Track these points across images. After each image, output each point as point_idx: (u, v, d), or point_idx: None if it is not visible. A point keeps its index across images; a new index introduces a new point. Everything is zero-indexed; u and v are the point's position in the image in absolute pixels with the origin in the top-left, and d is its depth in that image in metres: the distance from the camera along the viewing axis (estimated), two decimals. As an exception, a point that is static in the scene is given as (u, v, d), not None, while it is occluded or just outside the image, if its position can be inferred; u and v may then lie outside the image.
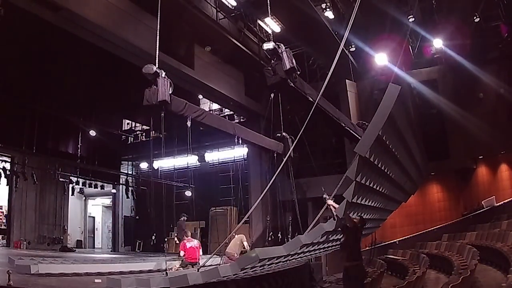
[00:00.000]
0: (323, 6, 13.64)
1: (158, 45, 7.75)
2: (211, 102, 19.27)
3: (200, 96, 17.50)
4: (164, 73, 7.29)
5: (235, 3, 13.55)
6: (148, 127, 21.99)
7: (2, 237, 17.26)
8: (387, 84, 5.93)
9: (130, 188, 20.56)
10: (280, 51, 7.68)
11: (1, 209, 18.00)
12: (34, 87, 14.91)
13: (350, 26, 6.74)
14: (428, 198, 16.08)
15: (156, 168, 20.73)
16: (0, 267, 8.06)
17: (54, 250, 17.38)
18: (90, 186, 19.77)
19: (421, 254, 12.35)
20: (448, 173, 15.80)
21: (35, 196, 17.76)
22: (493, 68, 15.08)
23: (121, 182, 21.18)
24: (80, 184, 19.93)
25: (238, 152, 19.06)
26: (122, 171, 21.98)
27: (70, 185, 19.06)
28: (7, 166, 15.66)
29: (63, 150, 19.45)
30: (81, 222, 22.37)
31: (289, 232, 14.09)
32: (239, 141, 10.43)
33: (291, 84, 7.91)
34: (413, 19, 14.02)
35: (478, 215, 14.76)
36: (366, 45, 14.61)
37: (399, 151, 7.73)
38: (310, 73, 15.73)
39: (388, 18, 13.56)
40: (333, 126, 10.98)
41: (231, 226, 18.68)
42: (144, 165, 22.61)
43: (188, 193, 19.06)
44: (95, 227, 23.73)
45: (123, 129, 23.34)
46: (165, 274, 7.09)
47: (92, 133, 19.05)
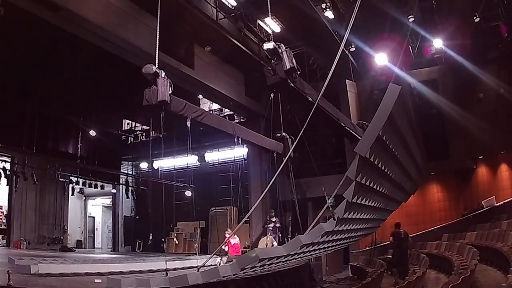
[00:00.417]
0: (323, 6, 13.63)
1: (158, 45, 7.74)
2: (211, 102, 19.27)
3: (200, 96, 17.50)
4: (163, 73, 7.28)
5: (235, 3, 13.55)
6: (148, 127, 21.99)
7: (2, 237, 17.27)
8: (387, 84, 5.92)
9: (130, 188, 20.57)
10: (280, 51, 7.67)
11: (1, 209, 18.01)
12: (34, 87, 14.92)
13: (351, 27, 6.72)
14: (428, 198, 16.07)
15: (156, 168, 20.75)
16: (0, 267, 8.06)
17: (54, 250, 17.38)
18: (90, 186, 19.78)
19: (421, 254, 12.34)
20: (448, 173, 15.79)
21: (35, 196, 17.77)
22: (493, 68, 15.07)
23: (121, 182, 21.18)
24: (80, 184, 19.94)
25: (238, 152, 19.06)
26: (122, 171, 21.98)
27: (70, 185, 19.08)
28: (7, 166, 15.66)
29: (63, 150, 19.46)
30: (81, 222, 22.38)
31: (289, 232, 14.08)
32: (239, 141, 10.41)
33: (291, 84, 7.90)
34: (413, 19, 14.02)
35: (478, 215, 14.74)
36: (366, 45, 14.62)
37: (399, 151, 7.72)
38: (310, 73, 15.72)
39: (388, 18, 13.56)
40: (333, 126, 10.98)
41: (231, 226, 18.70)
42: (144, 165, 22.62)
43: (188, 193, 19.08)
44: (95, 227, 23.73)
45: (123, 129, 23.35)
46: (165, 274, 7.09)
47: (92, 133, 19.05)
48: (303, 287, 10.73)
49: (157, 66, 7.29)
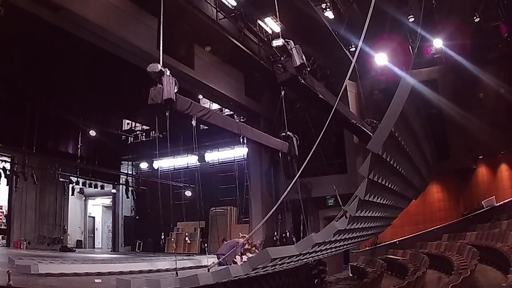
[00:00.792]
0: (323, 6, 13.63)
1: (160, 44, 7.71)
2: (211, 102, 19.26)
3: (200, 96, 17.49)
4: (168, 72, 7.16)
5: (235, 3, 13.54)
6: (148, 127, 22.02)
7: (2, 237, 17.27)
8: (387, 84, 5.93)
9: (130, 188, 20.59)
10: (289, 47, 7.64)
11: (1, 209, 18.01)
12: (34, 87, 14.92)
13: (364, 35, 6.57)
14: (428, 198, 16.05)
15: (156, 168, 20.75)
16: (0, 267, 8.06)
17: (54, 250, 17.39)
18: (90, 186, 19.79)
19: (421, 254, 12.34)
20: (448, 173, 15.77)
21: (35, 196, 17.78)
22: (493, 68, 15.05)
23: (121, 182, 21.19)
24: (80, 184, 19.96)
25: (238, 152, 19.07)
26: (122, 171, 21.99)
27: (70, 185, 19.09)
28: (7, 166, 15.66)
29: (63, 150, 19.47)
30: (81, 222, 22.39)
31: (291, 232, 14.06)
32: (244, 140, 10.25)
33: (302, 80, 7.87)
34: (413, 19, 14.01)
35: (478, 215, 14.74)
36: (366, 45, 14.59)
37: (411, 147, 7.67)
38: (310, 72, 15.65)
39: (388, 18, 13.55)
40: (342, 124, 10.93)
41: (231, 226, 18.70)
42: (144, 165, 22.62)
43: (188, 193, 19.08)
44: (95, 227, 23.73)
45: (123, 129, 23.35)
46: (175, 274, 7.04)
47: (92, 133, 19.06)
48: (303, 287, 10.70)
49: (161, 65, 7.20)
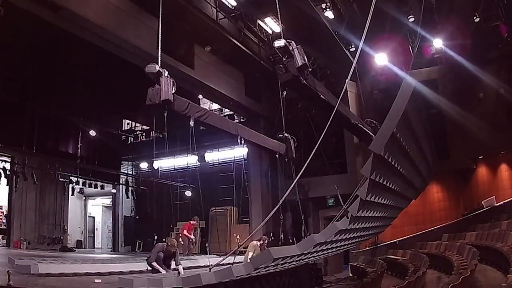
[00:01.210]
0: (323, 6, 13.63)
1: (159, 44, 7.72)
2: (211, 102, 19.27)
3: (200, 96, 17.51)
4: (167, 72, 7.21)
5: (235, 3, 13.55)
6: (148, 127, 22.02)
7: (2, 237, 17.27)
8: (387, 84, 5.95)
9: (130, 188, 20.57)
10: (291, 48, 7.64)
11: (1, 209, 18.00)
12: (34, 87, 14.91)
13: (364, 37, 6.57)
14: (428, 198, 16.05)
15: (156, 168, 20.75)
16: (0, 267, 8.05)
17: (54, 250, 17.37)
18: (90, 186, 19.78)
19: (421, 254, 12.33)
20: (448, 173, 15.76)
21: (35, 196, 17.77)
22: (493, 68, 15.04)
23: (121, 182, 21.18)
24: (80, 184, 19.94)
25: (238, 152, 19.07)
26: (122, 171, 21.99)
27: (70, 185, 19.07)
28: (7, 166, 15.66)
29: (63, 150, 19.47)
30: (81, 222, 22.37)
31: (291, 233, 14.04)
32: (242, 141, 10.31)
33: (303, 81, 7.88)
34: (413, 19, 14.00)
35: (478, 215, 14.72)
36: (366, 45, 14.59)
37: (412, 148, 7.68)
38: (310, 73, 15.67)
39: (388, 18, 13.54)
40: (343, 124, 10.94)
41: (231, 226, 18.70)
42: (144, 165, 22.62)
43: (188, 193, 19.07)
44: (95, 227, 23.72)
45: (123, 129, 23.35)
46: (177, 274, 7.03)
47: (92, 133, 19.06)
48: (303, 287, 10.70)
49: (160, 65, 7.25)
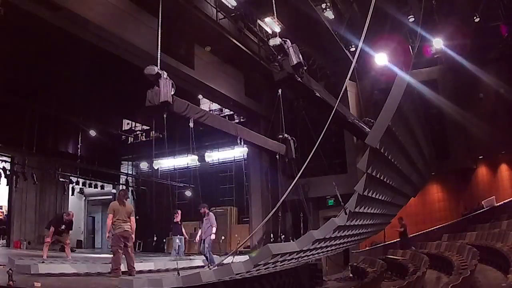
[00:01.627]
0: (323, 6, 13.63)
1: (158, 45, 7.73)
2: (211, 102, 19.27)
3: (200, 96, 17.50)
4: (166, 74, 7.25)
5: (235, 3, 13.54)
6: (148, 127, 22.03)
7: (2, 237, 17.27)
8: (387, 84, 5.97)
9: (130, 188, 20.58)
10: (286, 46, 7.67)
11: (1, 209, 18.01)
12: (34, 87, 14.91)
13: (364, 37, 6.58)
14: (428, 198, 16.06)
15: (156, 168, 20.75)
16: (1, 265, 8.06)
17: (54, 250, 17.35)
18: (90, 186, 19.78)
19: (421, 254, 12.33)
20: (448, 173, 15.77)
21: (35, 196, 17.76)
22: (493, 68, 15.07)
23: (121, 182, 21.19)
24: (80, 184, 19.94)
25: (238, 152, 19.06)
26: (122, 171, 21.99)
27: (70, 185, 19.08)
28: (7, 166, 15.66)
29: (63, 150, 19.49)
30: (81, 222, 22.36)
31: (291, 233, 14.07)
32: (241, 142, 10.37)
33: (299, 79, 7.89)
34: (413, 19, 14.01)
35: (478, 215, 14.72)
36: (366, 45, 14.60)
37: (408, 143, 7.69)
38: (310, 73, 15.65)
39: (388, 18, 13.55)
40: (341, 123, 10.95)
41: (231, 226, 18.70)
42: (144, 165, 22.61)
43: (188, 193, 19.08)
44: (95, 227, 23.72)
45: (123, 129, 23.35)
46: (177, 274, 7.03)
47: (92, 133, 19.07)
48: (303, 287, 10.69)
49: (158, 67, 7.29)
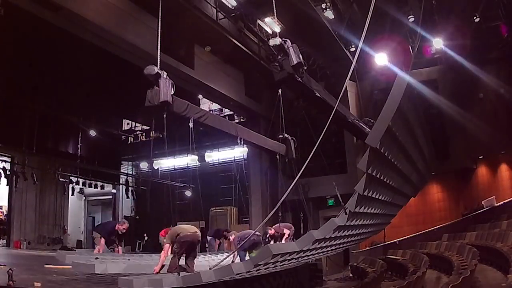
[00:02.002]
0: (323, 6, 13.63)
1: (158, 45, 7.73)
2: (211, 102, 19.27)
3: (200, 96, 17.51)
4: (165, 74, 7.23)
5: (235, 3, 13.54)
6: (148, 127, 22.02)
7: (2, 237, 17.27)
8: (387, 84, 5.96)
9: (130, 188, 20.59)
10: (286, 46, 7.67)
11: (1, 209, 18.01)
12: (34, 87, 14.91)
13: (364, 37, 6.57)
14: (428, 198, 16.06)
15: (156, 168, 20.76)
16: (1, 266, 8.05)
17: (54, 250, 17.36)
18: (90, 186, 19.79)
19: (421, 254, 12.33)
20: (448, 173, 15.77)
21: (35, 196, 17.78)
22: (493, 68, 15.06)
23: (121, 182, 21.20)
24: (80, 184, 19.95)
25: (238, 152, 19.06)
26: (122, 171, 21.99)
27: (70, 185, 19.09)
28: (7, 166, 15.66)
29: (63, 150, 19.49)
30: (81, 222, 22.37)
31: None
32: (241, 142, 10.36)
33: (299, 79, 7.89)
34: (413, 19, 14.01)
35: (478, 215, 14.71)
36: (366, 45, 14.60)
37: (408, 143, 7.68)
38: (310, 73, 15.64)
39: (388, 18, 13.55)
40: (340, 124, 10.94)
41: (231, 226, 18.69)
42: (144, 165, 22.61)
43: (188, 193, 19.08)
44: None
45: (123, 129, 23.35)
46: (178, 274, 7.02)
47: (92, 133, 19.07)
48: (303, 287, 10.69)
49: (158, 67, 7.27)
